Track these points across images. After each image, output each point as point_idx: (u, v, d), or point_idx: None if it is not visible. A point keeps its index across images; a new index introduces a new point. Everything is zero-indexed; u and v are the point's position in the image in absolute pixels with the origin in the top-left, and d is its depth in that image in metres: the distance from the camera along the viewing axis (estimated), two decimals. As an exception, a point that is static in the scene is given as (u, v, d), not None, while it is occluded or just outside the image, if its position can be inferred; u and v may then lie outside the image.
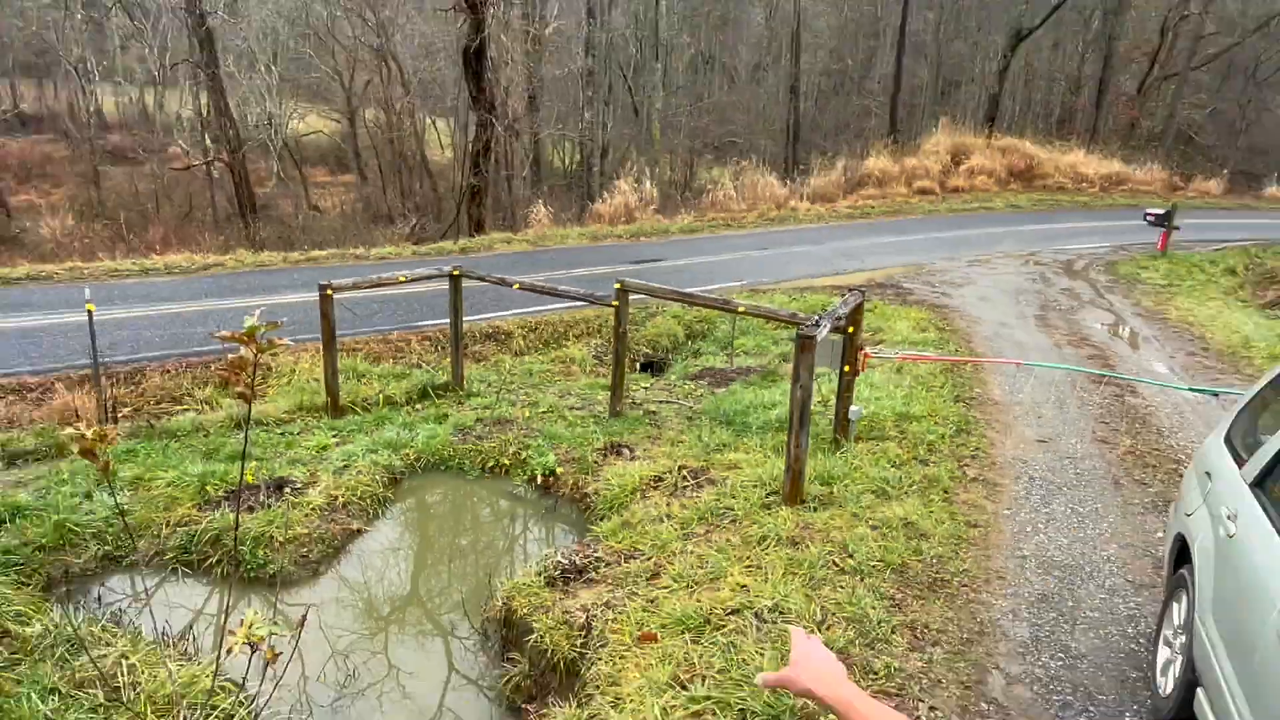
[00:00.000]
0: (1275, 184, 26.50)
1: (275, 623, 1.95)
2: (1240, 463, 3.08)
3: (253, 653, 1.85)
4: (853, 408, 5.91)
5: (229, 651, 1.86)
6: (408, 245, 15.34)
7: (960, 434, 6.20)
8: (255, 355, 1.68)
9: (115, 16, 26.70)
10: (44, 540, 4.73)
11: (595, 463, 5.90)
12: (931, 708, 3.25)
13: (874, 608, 3.80)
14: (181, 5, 19.00)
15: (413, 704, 3.91)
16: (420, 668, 4.17)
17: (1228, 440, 3.33)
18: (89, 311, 6.69)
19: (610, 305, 6.69)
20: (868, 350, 6.15)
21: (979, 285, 12.00)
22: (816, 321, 4.91)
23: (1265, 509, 2.70)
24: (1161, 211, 15.05)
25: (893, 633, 3.68)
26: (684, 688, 3.28)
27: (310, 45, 27.15)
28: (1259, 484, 2.85)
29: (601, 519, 5.14)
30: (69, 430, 1.82)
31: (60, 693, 3.25)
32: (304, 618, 2.82)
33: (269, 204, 24.89)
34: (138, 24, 26.47)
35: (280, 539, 4.93)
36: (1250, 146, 31.52)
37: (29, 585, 4.34)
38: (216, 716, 3.28)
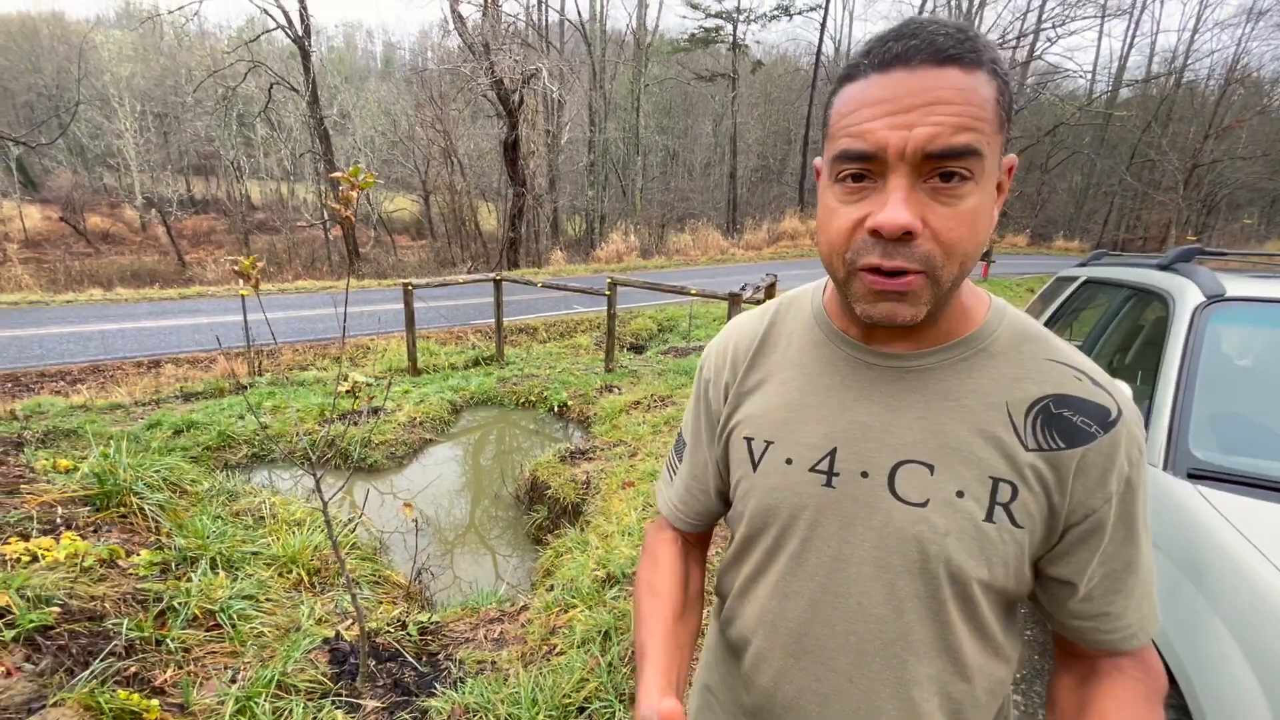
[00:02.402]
0: (1061, 238, 27.43)
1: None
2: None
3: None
4: (770, 357, 6.02)
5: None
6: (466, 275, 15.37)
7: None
8: (356, 191, 1.76)
9: (260, 129, 26.75)
10: (210, 443, 4.76)
11: (594, 397, 5.98)
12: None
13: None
14: (305, 112, 19.06)
15: (469, 541, 3.97)
16: (474, 519, 4.22)
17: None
18: (242, 296, 6.70)
19: (605, 295, 6.79)
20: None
21: (859, 297, 12.15)
22: (741, 287, 5.04)
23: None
24: (983, 251, 15.37)
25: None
26: (652, 507, 3.36)
27: (397, 149, 27.31)
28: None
29: (598, 426, 5.22)
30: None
31: (222, 519, 3.30)
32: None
33: (368, 258, 24.84)
34: (275, 133, 26.49)
35: (376, 441, 4.98)
36: (1046, 217, 32.43)
37: (200, 468, 4.37)
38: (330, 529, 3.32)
